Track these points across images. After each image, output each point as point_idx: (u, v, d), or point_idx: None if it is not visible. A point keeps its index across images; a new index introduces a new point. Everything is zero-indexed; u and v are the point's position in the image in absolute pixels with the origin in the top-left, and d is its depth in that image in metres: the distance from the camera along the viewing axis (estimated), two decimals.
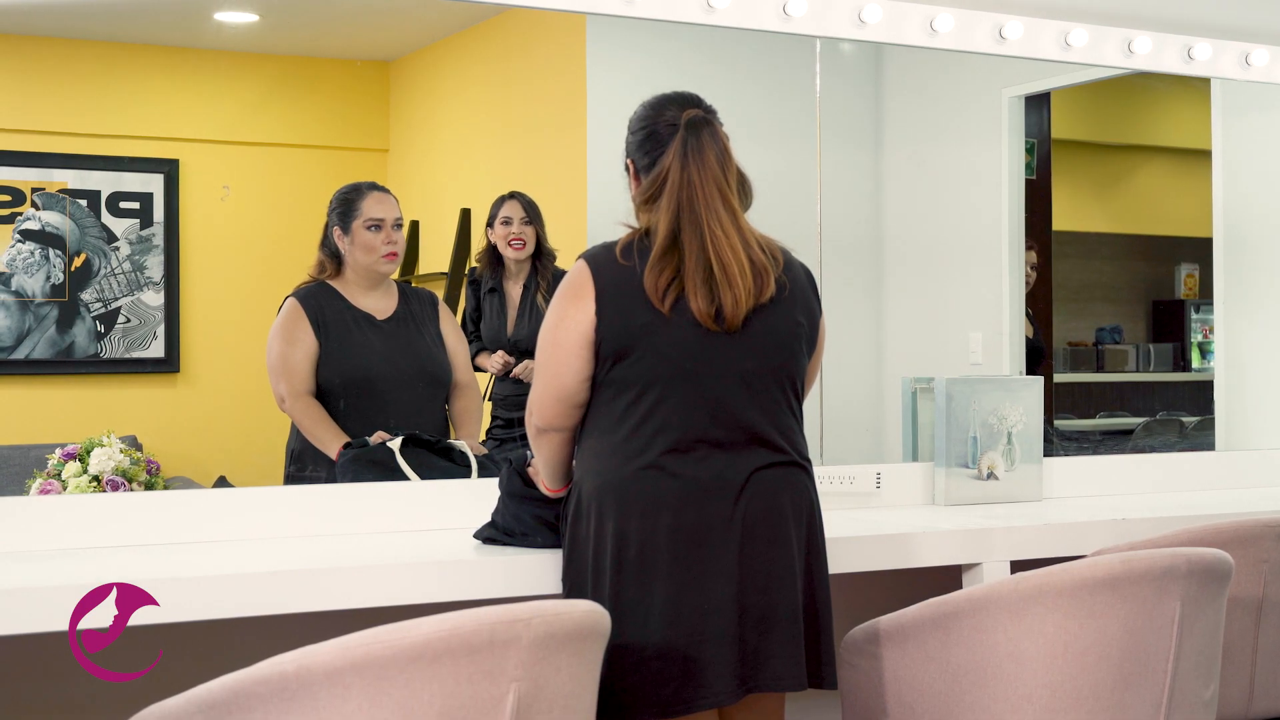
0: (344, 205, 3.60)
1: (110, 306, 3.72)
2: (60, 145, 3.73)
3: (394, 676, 1.99)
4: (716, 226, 2.60)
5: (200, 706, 2.02)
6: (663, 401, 2.59)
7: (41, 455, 3.32)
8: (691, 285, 2.58)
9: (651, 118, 2.73)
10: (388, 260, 3.61)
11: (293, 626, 2.66)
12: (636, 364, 2.59)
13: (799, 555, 2.63)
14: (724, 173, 2.64)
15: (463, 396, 3.74)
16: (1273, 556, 3.07)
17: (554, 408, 2.66)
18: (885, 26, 3.82)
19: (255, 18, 3.93)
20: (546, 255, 3.91)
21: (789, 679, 2.58)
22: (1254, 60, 4.34)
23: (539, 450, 2.76)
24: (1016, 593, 2.59)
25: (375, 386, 3.59)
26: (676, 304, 2.58)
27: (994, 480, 3.80)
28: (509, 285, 3.93)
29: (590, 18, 3.75)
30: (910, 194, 4.39)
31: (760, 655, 2.57)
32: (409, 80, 4.15)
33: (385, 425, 3.49)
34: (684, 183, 2.62)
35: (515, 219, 3.90)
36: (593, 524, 2.60)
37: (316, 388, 3.55)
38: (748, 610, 2.57)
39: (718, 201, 2.61)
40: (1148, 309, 5.26)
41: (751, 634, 2.57)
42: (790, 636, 2.59)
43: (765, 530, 2.60)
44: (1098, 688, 2.57)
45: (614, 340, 2.59)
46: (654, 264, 2.60)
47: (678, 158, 2.64)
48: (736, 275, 2.59)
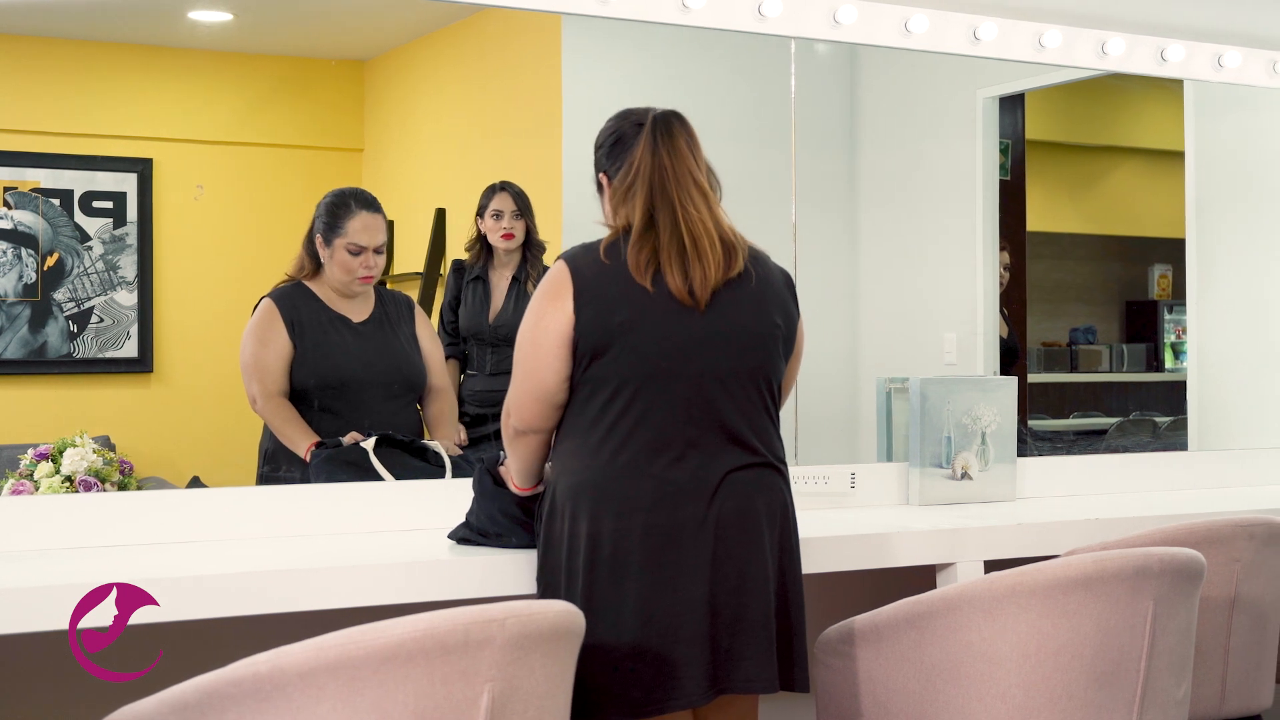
0: (330, 217, 3.58)
1: (83, 306, 3.71)
2: (33, 144, 3.71)
3: (368, 677, 1.98)
4: (690, 204, 2.65)
5: (173, 707, 2.01)
6: (638, 400, 2.59)
7: (14, 456, 3.31)
8: (667, 260, 2.61)
9: (616, 124, 2.78)
10: (363, 282, 3.61)
11: (266, 627, 2.65)
12: (613, 363, 2.59)
13: (772, 557, 2.64)
14: (694, 159, 2.70)
15: (437, 400, 3.74)
16: (1244, 556, 3.08)
17: (533, 408, 2.66)
18: (860, 27, 3.83)
19: (230, 17, 3.92)
20: (536, 246, 3.93)
21: (760, 681, 2.59)
22: (1226, 62, 4.36)
23: (515, 452, 2.76)
24: (990, 592, 2.60)
25: (350, 389, 3.58)
26: (656, 280, 2.61)
27: (968, 480, 3.81)
28: (494, 274, 3.93)
29: (566, 17, 3.76)
30: (885, 194, 4.40)
31: (732, 657, 2.57)
32: (384, 80, 4.14)
33: (359, 427, 3.49)
34: (656, 166, 2.66)
35: (506, 212, 3.91)
36: (566, 524, 2.60)
37: (291, 390, 3.54)
38: (720, 611, 2.57)
39: (689, 181, 2.67)
40: (1121, 309, 5.29)
41: (724, 635, 2.57)
42: (762, 638, 2.59)
43: (738, 532, 2.60)
44: (1071, 687, 2.58)
45: (591, 338, 2.59)
46: (634, 245, 2.63)
47: (648, 146, 2.68)
48: (707, 249, 2.63)
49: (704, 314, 2.63)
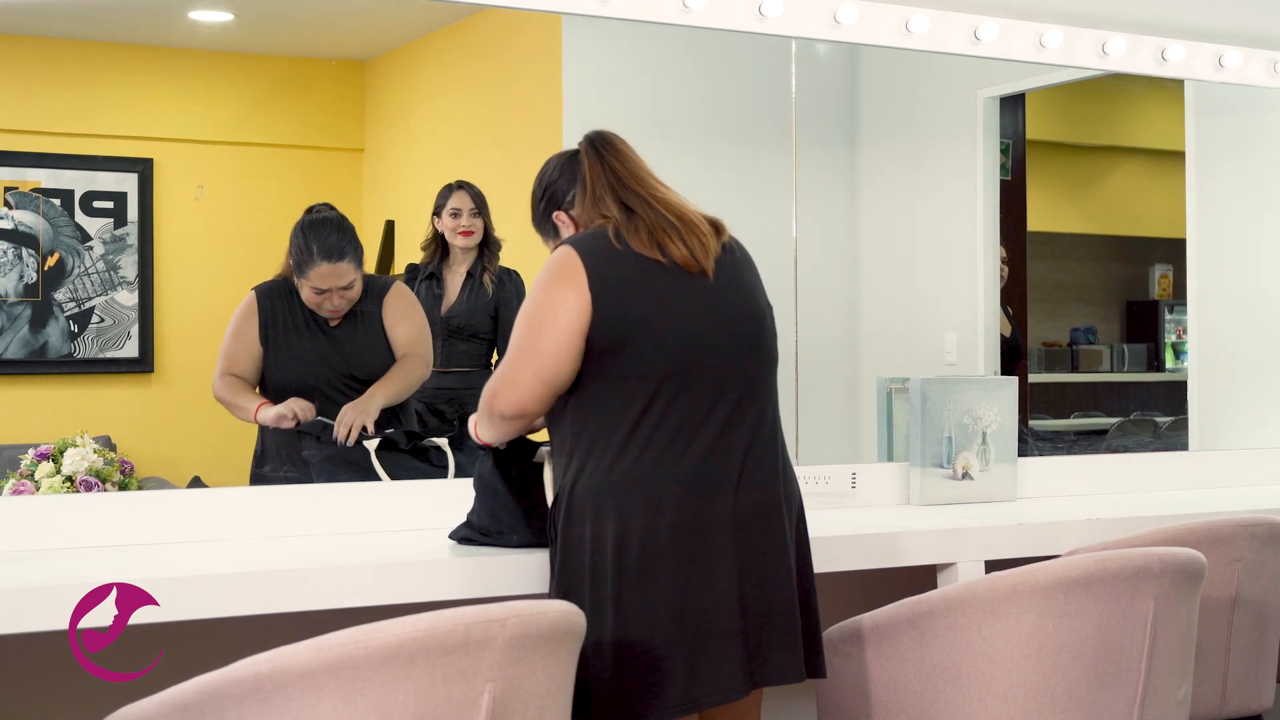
0: (298, 255, 3.59)
1: (84, 306, 3.71)
2: (33, 144, 3.72)
3: (369, 677, 1.98)
4: (656, 190, 2.67)
5: (174, 708, 2.01)
6: (659, 396, 2.56)
7: (14, 456, 3.31)
8: (664, 234, 2.62)
9: (552, 165, 2.80)
10: (332, 313, 3.62)
11: (266, 627, 2.65)
12: (633, 359, 2.55)
13: (791, 547, 2.64)
14: (639, 160, 2.71)
15: (399, 365, 3.71)
16: (1245, 556, 3.08)
17: (536, 390, 2.58)
18: (860, 27, 3.82)
19: (230, 17, 3.92)
20: (493, 243, 3.96)
21: (790, 671, 2.58)
22: (1227, 62, 4.36)
23: (494, 435, 2.74)
24: (991, 592, 2.60)
25: (315, 392, 3.59)
26: (663, 253, 2.61)
27: (969, 480, 3.81)
28: (449, 271, 3.96)
29: (566, 17, 3.75)
30: (885, 195, 4.40)
31: (763, 649, 2.57)
32: (384, 80, 4.14)
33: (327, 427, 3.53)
34: (607, 169, 2.68)
35: (464, 210, 3.93)
36: (589, 526, 2.55)
37: (263, 388, 3.61)
38: (748, 604, 2.56)
39: (644, 174, 2.69)
40: (1122, 309, 5.29)
41: (754, 628, 2.56)
42: (788, 628, 2.58)
43: (761, 523, 2.59)
44: (1072, 687, 2.58)
45: (610, 331, 2.55)
46: (626, 228, 2.62)
47: (592, 159, 2.70)
48: (695, 221, 2.65)
49: (714, 285, 2.63)
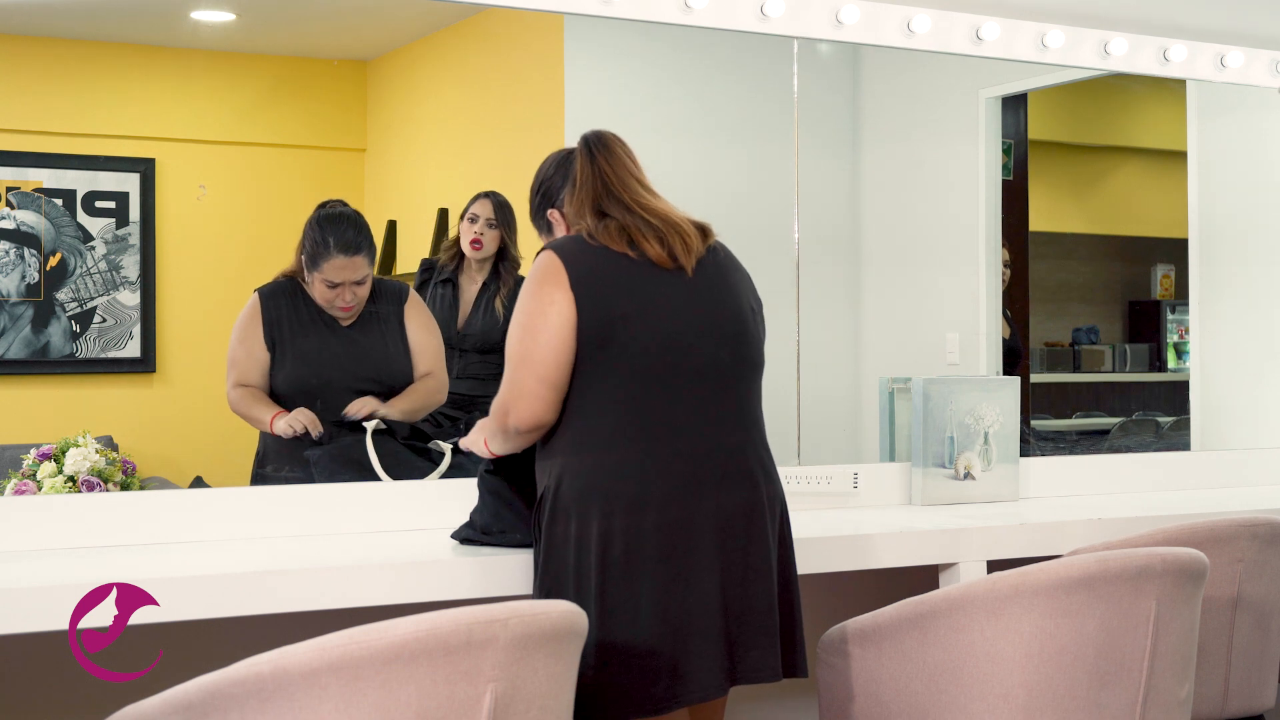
0: (312, 247, 3.55)
1: (86, 306, 3.71)
2: (35, 144, 3.71)
3: (371, 677, 1.98)
4: (640, 196, 2.68)
5: (176, 707, 2.01)
6: (642, 396, 2.58)
7: (16, 455, 3.31)
8: (638, 234, 2.63)
9: (549, 163, 2.84)
10: (343, 310, 3.59)
11: (267, 627, 2.65)
12: (617, 356, 2.57)
13: (773, 546, 2.65)
14: (632, 163, 2.73)
15: (418, 383, 3.69)
16: (1247, 556, 3.08)
17: (544, 396, 2.59)
18: (862, 27, 3.83)
19: (232, 17, 3.92)
20: (510, 260, 3.87)
21: (767, 670, 2.60)
22: (1229, 62, 4.36)
23: (509, 449, 2.75)
24: (993, 592, 2.60)
25: (326, 393, 3.56)
26: (634, 249, 2.62)
27: (971, 480, 3.81)
28: (464, 279, 3.90)
29: (568, 17, 3.75)
30: (887, 194, 4.40)
31: (741, 647, 2.59)
32: (387, 80, 4.14)
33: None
34: (595, 173, 2.69)
35: (481, 218, 3.87)
36: (573, 525, 2.57)
37: (271, 391, 3.56)
38: (730, 603, 2.58)
39: (632, 181, 2.70)
40: (1124, 309, 5.29)
41: (733, 626, 2.58)
42: (767, 627, 2.60)
43: (742, 523, 2.60)
44: (1074, 687, 2.58)
45: (592, 329, 2.57)
46: (601, 229, 2.64)
47: (585, 158, 2.72)
48: (676, 223, 2.66)
49: (695, 284, 2.64)
